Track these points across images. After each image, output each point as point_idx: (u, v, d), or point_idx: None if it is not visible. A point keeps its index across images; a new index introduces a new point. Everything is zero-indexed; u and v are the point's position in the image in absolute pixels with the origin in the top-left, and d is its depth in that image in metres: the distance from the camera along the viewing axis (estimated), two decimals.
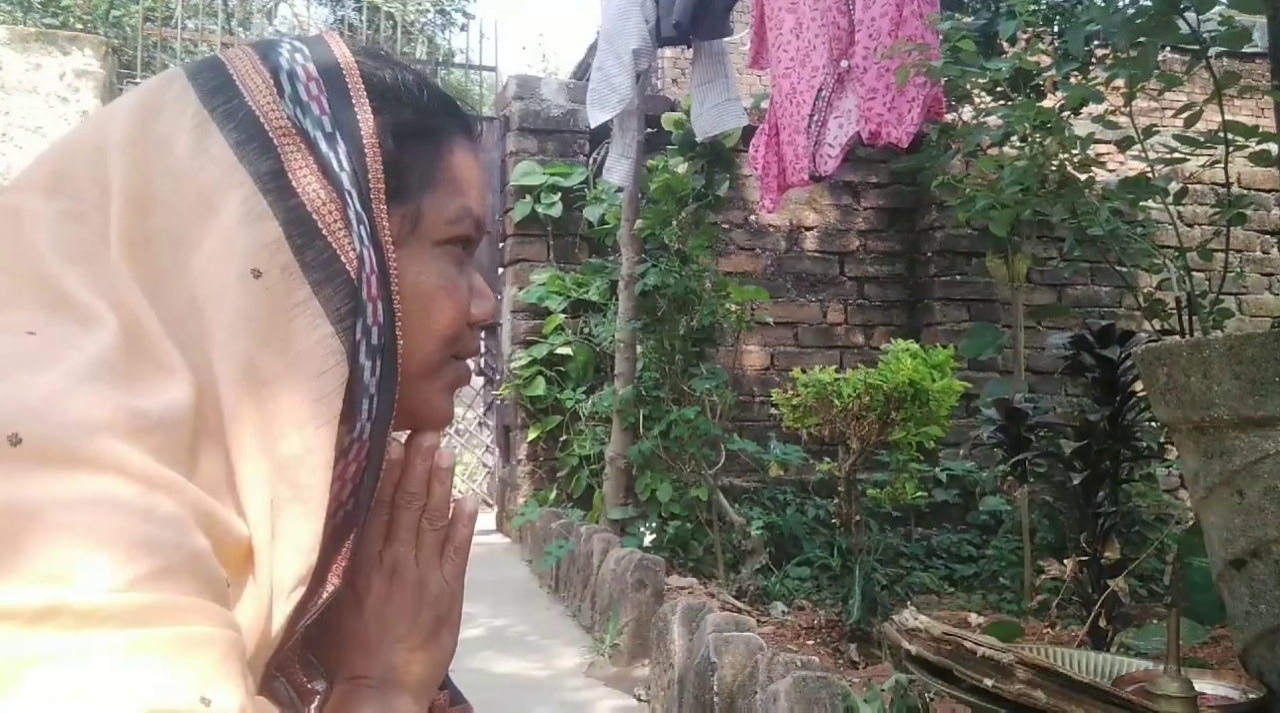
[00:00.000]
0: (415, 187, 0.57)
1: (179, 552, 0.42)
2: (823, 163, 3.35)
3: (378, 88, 0.57)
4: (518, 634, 3.59)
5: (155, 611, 0.40)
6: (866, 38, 3.07)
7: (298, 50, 0.56)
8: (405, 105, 0.58)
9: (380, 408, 0.54)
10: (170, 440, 0.45)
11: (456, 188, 0.59)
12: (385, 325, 0.54)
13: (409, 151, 0.57)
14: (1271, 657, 1.56)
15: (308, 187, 0.52)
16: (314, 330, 0.51)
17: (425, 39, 13.03)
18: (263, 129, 0.52)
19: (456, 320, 0.60)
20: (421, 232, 0.57)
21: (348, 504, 0.54)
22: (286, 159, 0.52)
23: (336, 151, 0.53)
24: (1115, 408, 2.54)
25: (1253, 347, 1.50)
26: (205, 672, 0.40)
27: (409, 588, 0.60)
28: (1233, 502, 1.57)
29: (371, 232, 0.53)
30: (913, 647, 1.54)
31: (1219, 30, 2.13)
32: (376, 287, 0.53)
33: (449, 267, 0.59)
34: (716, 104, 4.13)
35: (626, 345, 4.52)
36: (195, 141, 0.51)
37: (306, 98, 0.54)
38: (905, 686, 2.10)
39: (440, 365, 0.60)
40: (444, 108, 0.60)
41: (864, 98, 3.10)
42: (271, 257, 0.50)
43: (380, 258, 0.54)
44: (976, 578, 4.16)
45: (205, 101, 0.52)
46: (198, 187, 0.50)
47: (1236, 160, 2.31)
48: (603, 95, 4.22)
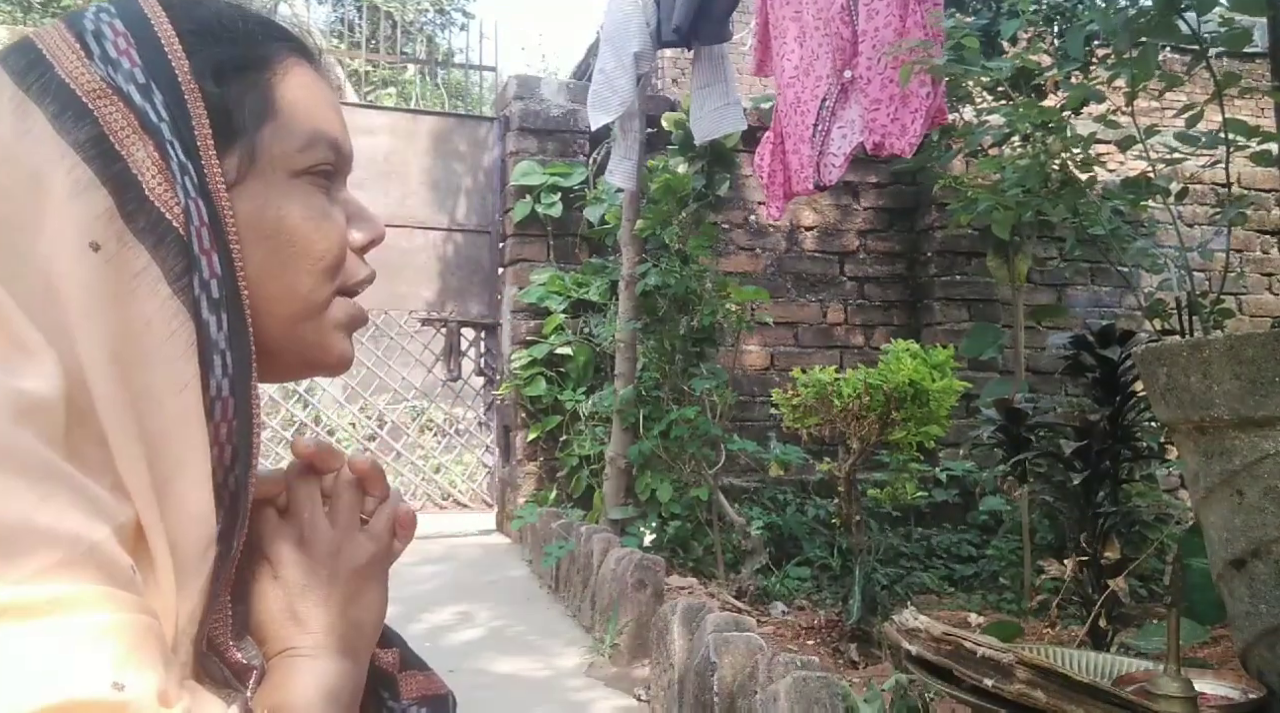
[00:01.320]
0: (248, 123, 0.55)
1: (75, 543, 0.41)
2: (827, 172, 3.35)
3: (191, 28, 0.54)
4: (518, 634, 3.59)
5: (58, 602, 0.39)
6: (870, 48, 3.08)
7: (102, 10, 0.54)
8: (223, 41, 0.55)
9: (236, 362, 0.52)
10: (50, 423, 0.45)
11: (300, 113, 0.57)
12: (225, 276, 0.52)
13: (234, 87, 0.55)
14: (1271, 657, 1.56)
15: (130, 147, 0.50)
16: (154, 296, 0.49)
17: (425, 39, 13.03)
18: (75, 96, 0.50)
19: (330, 250, 0.58)
20: (267, 166, 0.55)
21: (230, 465, 0.53)
22: (105, 122, 0.50)
23: (153, 102, 0.51)
24: (1115, 408, 2.54)
25: (1253, 347, 1.50)
26: (117, 658, 0.40)
27: (320, 551, 0.59)
28: (1233, 502, 1.57)
29: (199, 181, 0.52)
30: (913, 647, 1.54)
31: (1219, 31, 2.13)
32: (210, 238, 0.51)
33: (313, 196, 0.57)
34: (716, 108, 4.13)
35: (626, 345, 4.52)
36: (16, 123, 0.50)
37: (115, 54, 0.52)
38: (905, 686, 2.10)
39: (325, 302, 0.58)
40: (271, 34, 0.58)
41: (868, 108, 3.10)
42: (106, 227, 0.49)
43: (212, 207, 0.52)
44: (976, 578, 4.16)
45: (19, 81, 0.51)
46: (26, 168, 0.49)
47: (1236, 160, 2.31)
48: (603, 98, 4.22)
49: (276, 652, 0.57)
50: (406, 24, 11.38)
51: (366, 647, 0.61)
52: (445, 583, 4.33)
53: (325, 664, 0.57)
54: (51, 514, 0.41)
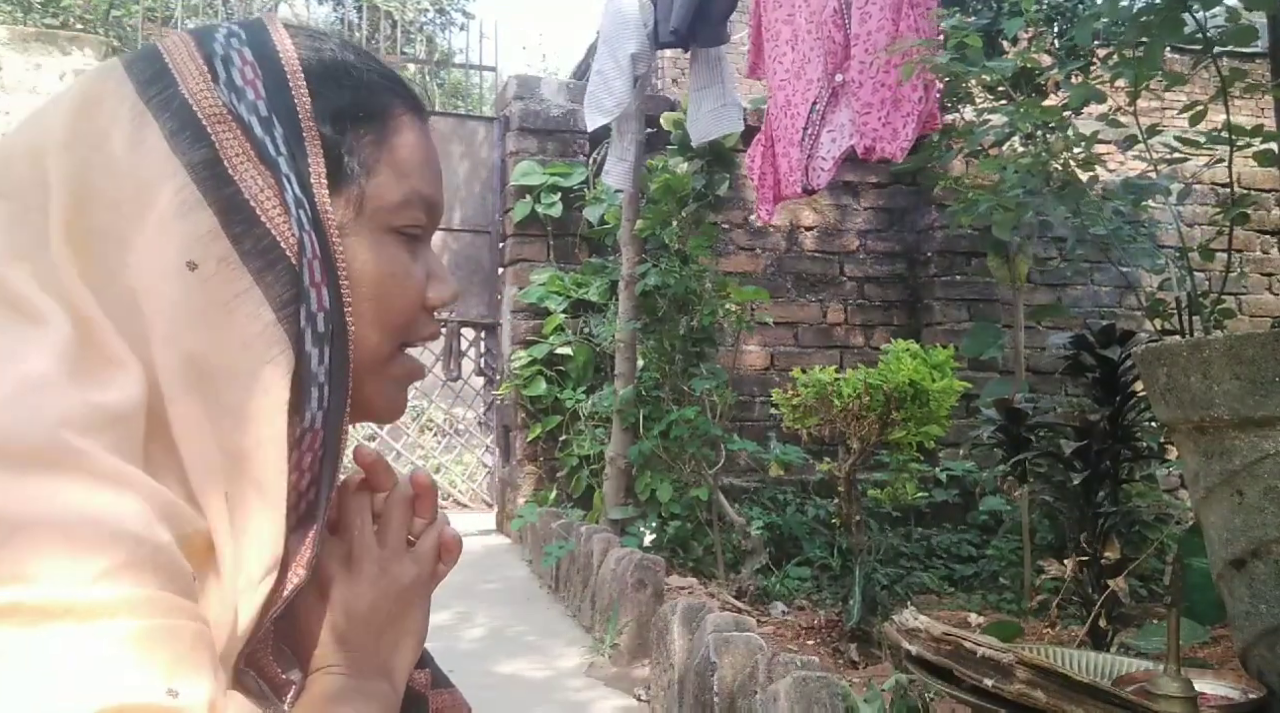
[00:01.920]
0: (357, 170, 0.55)
1: (141, 546, 0.42)
2: (815, 176, 3.35)
3: (317, 70, 0.55)
4: (518, 634, 3.59)
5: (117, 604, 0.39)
6: (862, 52, 3.08)
7: (234, 35, 0.54)
8: (345, 87, 0.56)
9: (332, 396, 0.53)
10: (126, 434, 0.45)
11: (403, 171, 0.57)
12: (332, 311, 0.52)
13: (349, 135, 0.55)
14: (1271, 657, 1.56)
15: (244, 173, 0.50)
16: (256, 320, 0.49)
17: (425, 39, 13.03)
18: (195, 117, 0.51)
19: (407, 309, 0.58)
20: (367, 217, 0.55)
21: (308, 494, 0.53)
22: (222, 147, 0.50)
23: (273, 135, 0.52)
24: (1115, 408, 2.54)
25: (1253, 347, 1.50)
26: (171, 664, 0.40)
27: (371, 571, 0.59)
28: (1233, 502, 1.57)
29: (312, 215, 0.52)
30: (913, 647, 1.54)
31: (1225, 27, 2.13)
32: (320, 272, 0.52)
33: (399, 252, 0.57)
34: (713, 109, 4.13)
35: (626, 345, 4.52)
36: (132, 134, 0.50)
37: (241, 82, 0.52)
38: (905, 686, 2.10)
39: (390, 357, 0.59)
40: (389, 87, 0.58)
41: (859, 113, 3.10)
42: (206, 247, 0.49)
43: (323, 242, 0.52)
44: (976, 578, 4.16)
45: (141, 92, 0.51)
46: (134, 180, 0.49)
47: (1237, 160, 2.31)
48: (599, 99, 4.22)
49: (316, 669, 0.57)
50: (406, 24, 11.37)
51: (405, 669, 0.61)
52: (445, 583, 4.28)
53: (364, 684, 0.57)
54: (117, 517, 0.41)
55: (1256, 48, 2.42)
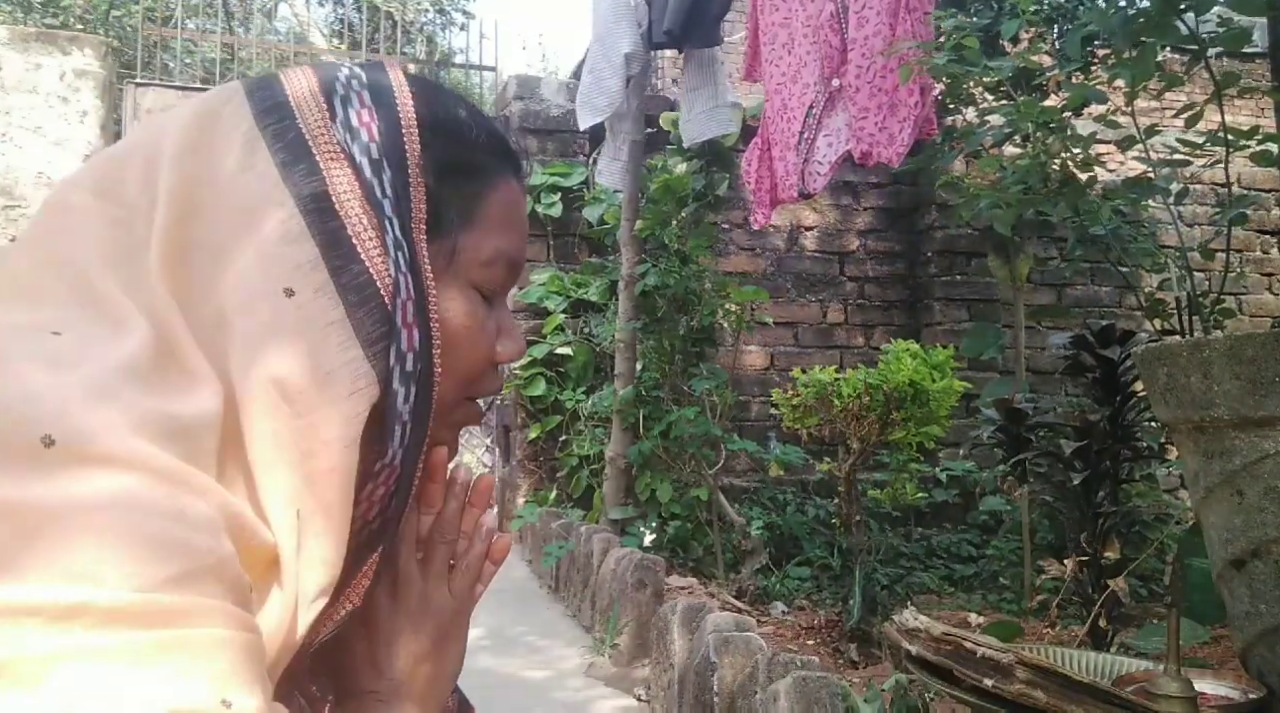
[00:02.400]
0: (454, 223, 0.57)
1: (206, 555, 0.42)
2: (811, 180, 3.35)
3: (428, 121, 0.56)
4: (518, 634, 3.59)
5: (179, 613, 0.40)
6: (859, 57, 3.08)
7: (354, 77, 0.56)
8: (454, 141, 0.57)
9: (413, 435, 0.54)
10: (198, 446, 0.46)
11: (495, 229, 0.59)
12: (421, 353, 0.54)
13: (451, 187, 0.57)
14: (1271, 657, 1.56)
15: (350, 210, 0.52)
16: (344, 351, 0.51)
17: (425, 39, 13.04)
18: (310, 151, 0.52)
19: (479, 362, 0.60)
20: (455, 269, 0.57)
21: (373, 524, 0.54)
22: (331, 182, 0.52)
23: (381, 179, 0.53)
24: (1115, 408, 2.54)
25: (1253, 347, 1.50)
26: (226, 674, 0.41)
27: (413, 601, 0.60)
28: (1233, 502, 1.57)
29: (410, 259, 0.53)
30: (913, 647, 1.54)
31: (1218, 31, 2.13)
32: (412, 314, 0.53)
33: (478, 306, 0.59)
34: (705, 110, 4.13)
35: (626, 345, 4.52)
36: (244, 158, 0.51)
37: (357, 124, 0.54)
38: (905, 686, 2.10)
39: (455, 405, 0.60)
40: (493, 147, 0.60)
41: (856, 117, 3.10)
42: (306, 277, 0.50)
43: (419, 285, 0.54)
44: (976, 578, 4.16)
45: (258, 119, 0.53)
46: (241, 203, 0.51)
47: (1236, 160, 2.31)
48: (591, 98, 4.22)
49: (354, 693, 0.58)
50: (406, 24, 11.37)
51: (439, 699, 0.62)
52: None
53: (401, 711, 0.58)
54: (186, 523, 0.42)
55: (1256, 48, 2.42)
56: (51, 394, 0.42)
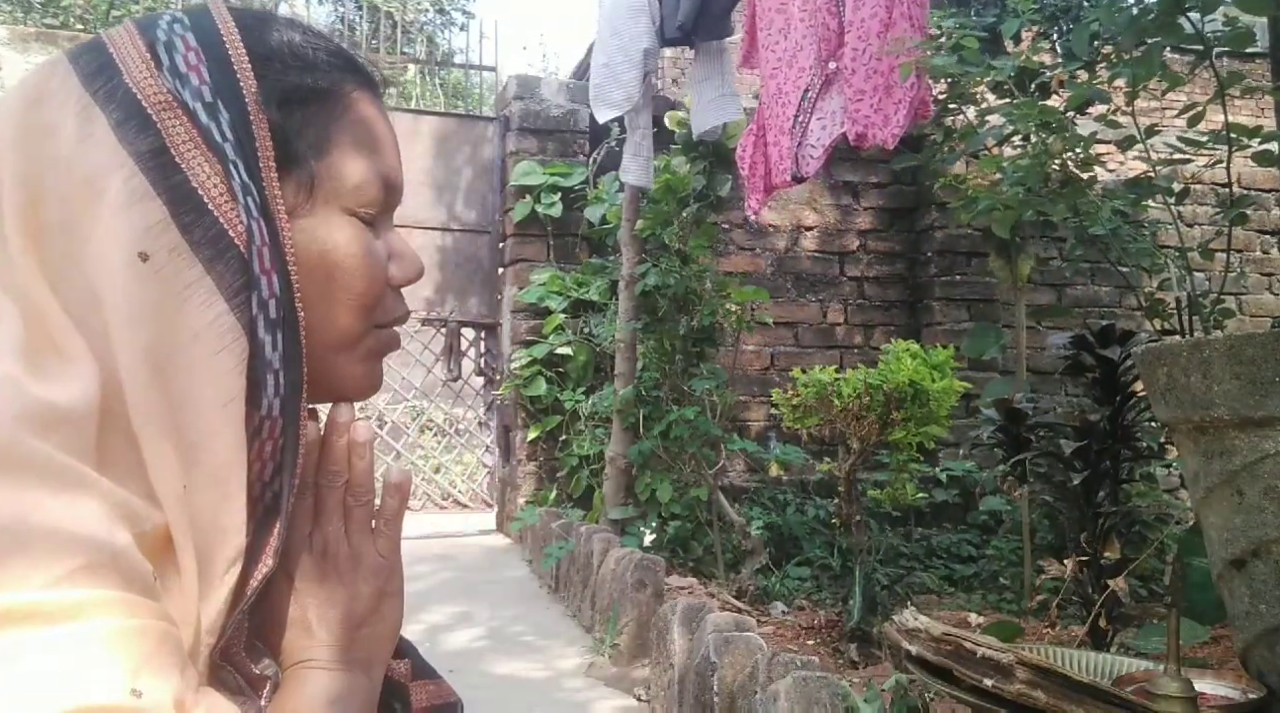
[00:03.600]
0: (308, 152, 0.55)
1: (99, 549, 0.41)
2: (804, 164, 3.34)
3: (262, 52, 0.54)
4: (517, 635, 3.59)
5: (78, 607, 0.39)
6: (856, 39, 3.07)
7: (176, 20, 0.54)
8: (292, 69, 0.55)
9: (288, 383, 0.53)
10: (79, 432, 0.45)
11: (355, 149, 0.57)
12: (283, 298, 0.52)
13: (298, 116, 0.55)
14: (1271, 657, 1.56)
15: (192, 161, 0.50)
16: (208, 309, 0.50)
17: (425, 39, 13.03)
18: (140, 106, 0.50)
19: (372, 287, 0.58)
20: (322, 198, 0.55)
21: (273, 484, 0.53)
22: (168, 134, 0.50)
23: (219, 121, 0.51)
24: (1115, 408, 2.54)
25: (1253, 347, 1.50)
26: (134, 664, 0.40)
27: (343, 565, 0.59)
28: (1233, 502, 1.57)
29: (261, 202, 0.52)
30: (913, 647, 1.54)
31: (1223, 31, 2.13)
32: (270, 259, 0.52)
33: (359, 232, 0.57)
34: (712, 99, 4.14)
35: (627, 345, 4.52)
36: (80, 127, 0.50)
37: (185, 68, 0.52)
38: (905, 686, 2.10)
39: (361, 335, 0.58)
40: (339, 65, 0.58)
41: (851, 99, 3.10)
42: (157, 238, 0.49)
43: (272, 228, 0.52)
44: (976, 578, 4.16)
45: (87, 85, 0.51)
46: (83, 173, 0.49)
47: (1237, 160, 2.31)
48: (607, 92, 4.22)
49: (292, 663, 0.57)
50: (406, 24, 11.37)
51: (381, 660, 0.61)
52: (445, 583, 4.33)
53: (340, 677, 0.57)
54: (74, 520, 0.41)
55: (1256, 48, 2.42)
56: None
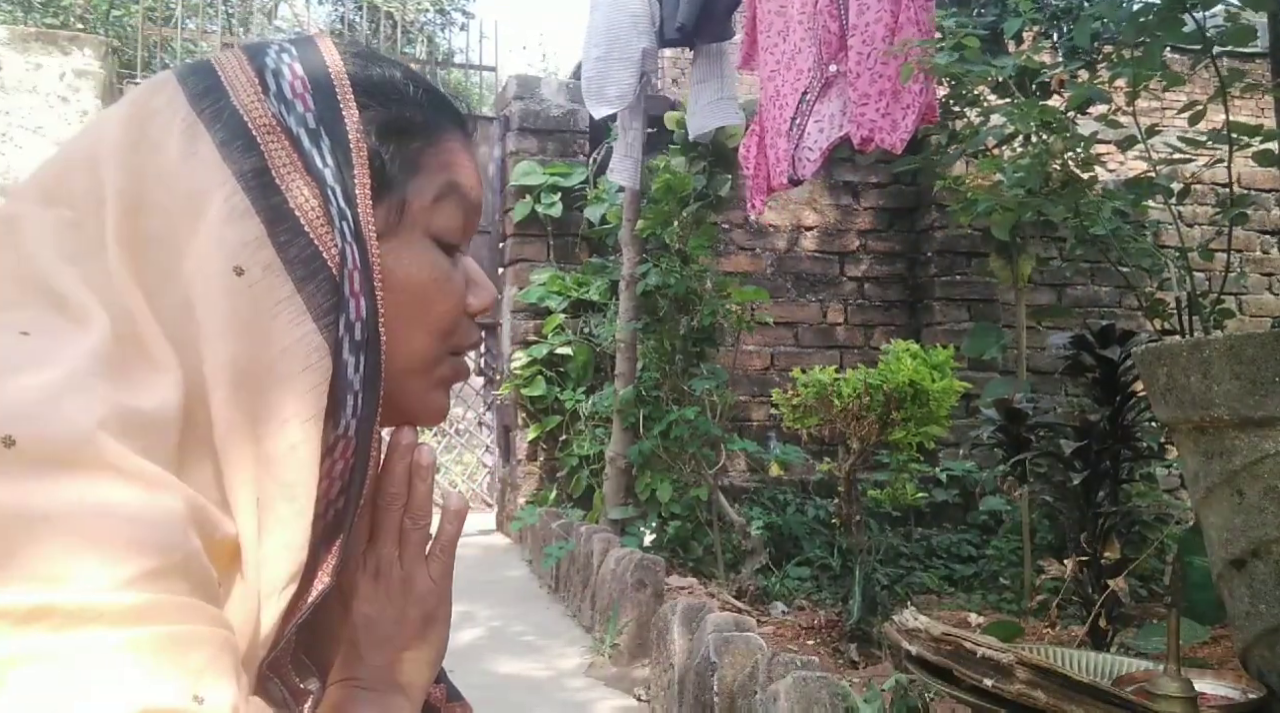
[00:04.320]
0: (400, 179, 0.56)
1: (172, 552, 0.42)
2: (801, 167, 3.34)
3: (364, 85, 0.56)
4: (518, 634, 3.59)
5: (147, 610, 0.40)
6: (860, 43, 3.07)
7: (284, 50, 0.56)
8: (392, 102, 0.57)
9: (365, 404, 0.54)
10: (161, 438, 0.45)
11: (445, 180, 0.59)
12: (368, 321, 0.53)
13: (393, 146, 0.57)
14: (1271, 657, 1.56)
15: (291, 183, 0.52)
16: (296, 327, 0.51)
17: (425, 39, 13.03)
18: (246, 127, 0.52)
19: (450, 312, 0.59)
20: (409, 222, 0.57)
21: (337, 502, 0.54)
22: (270, 156, 0.52)
23: (320, 148, 0.53)
24: (1115, 408, 2.54)
25: (1253, 347, 1.50)
26: (197, 670, 0.41)
27: (395, 588, 0.60)
28: (1233, 502, 1.57)
29: (355, 227, 0.53)
30: (913, 647, 1.54)
31: (1224, 27, 2.13)
32: (359, 283, 0.53)
33: (440, 258, 0.58)
34: (710, 102, 4.14)
35: (627, 345, 4.52)
36: (185, 144, 0.51)
37: (291, 95, 0.54)
38: (905, 686, 2.10)
39: (436, 360, 0.60)
40: (434, 104, 0.60)
41: (856, 103, 3.09)
42: (253, 254, 0.50)
43: (363, 253, 0.53)
44: (976, 578, 4.16)
45: (194, 104, 0.52)
46: (187, 188, 0.51)
47: (1237, 160, 2.31)
48: (601, 89, 4.22)
49: (335, 680, 0.58)
50: (407, 24, 11.36)
51: (423, 685, 0.62)
52: None
53: (383, 698, 0.58)
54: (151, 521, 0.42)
55: (1256, 48, 2.42)
56: (10, 395, 0.41)
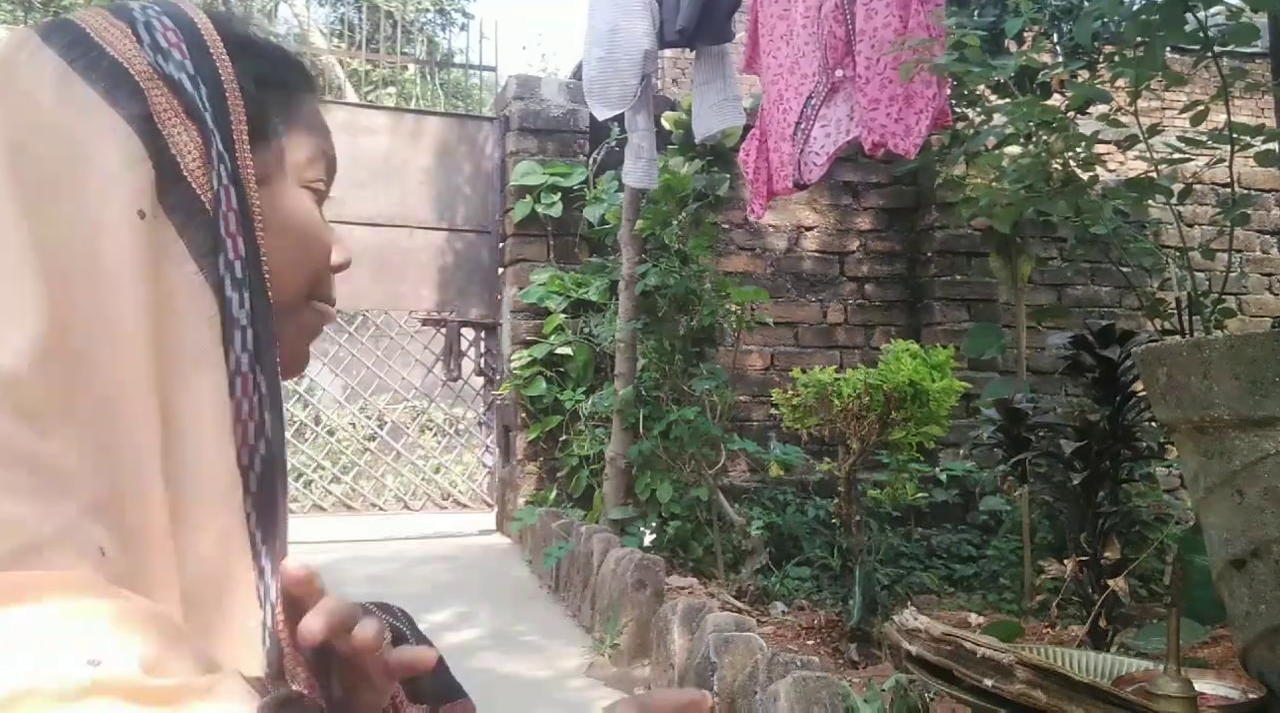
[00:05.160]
0: (278, 128, 0.60)
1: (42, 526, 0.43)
2: (807, 171, 3.34)
3: (231, 39, 0.59)
4: (518, 634, 3.59)
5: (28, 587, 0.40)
6: (869, 48, 3.06)
7: (149, 6, 0.58)
8: (258, 55, 0.60)
9: (258, 339, 0.55)
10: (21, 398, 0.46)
11: (311, 132, 0.62)
12: (249, 260, 0.55)
13: (270, 95, 0.60)
14: (1271, 657, 1.56)
15: (173, 128, 0.54)
16: (180, 268, 0.53)
17: (425, 39, 13.04)
18: (129, 74, 0.53)
19: (322, 257, 0.63)
20: (286, 171, 0.60)
21: (259, 448, 0.55)
22: (153, 103, 0.53)
23: (199, 94, 0.55)
24: (1115, 408, 2.54)
25: (1253, 347, 1.50)
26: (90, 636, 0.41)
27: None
28: (1233, 502, 1.57)
29: (233, 171, 0.55)
30: (913, 647, 1.54)
31: (1226, 26, 2.13)
32: (236, 224, 0.55)
33: (313, 206, 0.62)
34: (714, 103, 4.14)
35: (626, 345, 4.52)
36: (60, 92, 0.52)
37: (166, 45, 0.55)
38: (905, 686, 2.10)
39: (302, 306, 0.63)
40: (290, 61, 0.63)
41: (866, 108, 3.09)
42: (150, 199, 0.52)
43: (241, 195, 0.56)
44: (976, 578, 4.16)
45: (64, 55, 0.53)
46: (71, 136, 0.51)
47: (1237, 160, 2.31)
48: (603, 90, 4.22)
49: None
50: (406, 24, 11.37)
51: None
52: (445, 583, 4.33)
53: None
54: (11, 500, 0.42)
55: (1257, 47, 2.42)
56: None
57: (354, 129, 5.56)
